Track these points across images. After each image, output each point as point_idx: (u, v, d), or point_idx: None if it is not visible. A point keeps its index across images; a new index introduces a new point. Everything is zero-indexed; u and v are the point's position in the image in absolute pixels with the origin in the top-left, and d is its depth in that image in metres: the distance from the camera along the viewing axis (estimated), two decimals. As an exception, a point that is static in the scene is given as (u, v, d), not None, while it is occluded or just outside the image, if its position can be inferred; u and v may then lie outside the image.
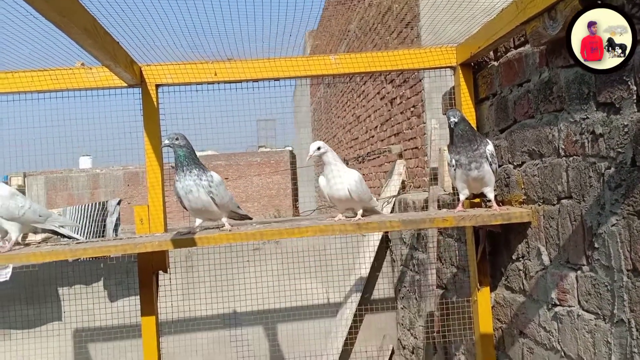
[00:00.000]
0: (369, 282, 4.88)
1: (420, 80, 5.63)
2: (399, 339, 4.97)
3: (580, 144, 1.94)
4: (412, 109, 5.94)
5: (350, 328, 4.76)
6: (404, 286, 4.69)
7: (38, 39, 2.28)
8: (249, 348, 4.47)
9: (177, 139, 2.39)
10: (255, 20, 2.51)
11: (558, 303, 2.19)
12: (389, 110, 6.97)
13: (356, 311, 4.78)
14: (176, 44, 2.41)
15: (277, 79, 2.82)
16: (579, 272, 2.04)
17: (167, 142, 2.40)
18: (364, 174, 8.25)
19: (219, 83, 2.81)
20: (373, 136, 8.02)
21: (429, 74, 5.41)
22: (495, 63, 2.60)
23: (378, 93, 7.57)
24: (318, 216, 5.30)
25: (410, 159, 5.65)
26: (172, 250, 3.03)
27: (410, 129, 5.96)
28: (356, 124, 9.40)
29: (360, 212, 2.53)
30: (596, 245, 1.90)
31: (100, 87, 2.75)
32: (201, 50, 2.60)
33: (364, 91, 8.62)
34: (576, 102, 1.95)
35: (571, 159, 2.02)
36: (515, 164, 2.49)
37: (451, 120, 2.43)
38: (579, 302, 2.04)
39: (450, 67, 2.85)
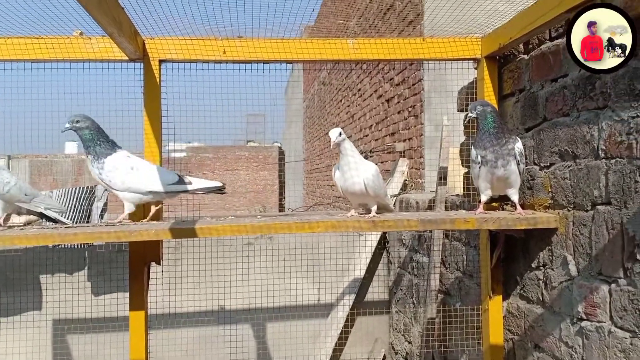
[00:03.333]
0: (363, 284, 4.72)
1: (420, 80, 5.49)
2: (391, 344, 4.81)
3: (627, 144, 1.79)
4: (410, 109, 5.80)
5: (341, 331, 4.59)
6: (400, 289, 4.52)
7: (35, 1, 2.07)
8: (235, 347, 4.27)
9: (77, 122, 2.26)
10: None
11: (585, 317, 2.03)
12: (386, 110, 6.83)
13: (348, 313, 4.62)
14: (185, 12, 2.21)
15: (290, 61, 2.64)
16: (613, 285, 1.88)
17: (67, 125, 2.27)
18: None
19: (227, 62, 2.61)
20: (367, 135, 7.88)
21: (429, 74, 5.33)
22: (526, 56, 2.44)
23: (375, 92, 7.43)
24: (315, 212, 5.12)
25: (407, 158, 5.50)
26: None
27: (407, 129, 5.81)
28: (350, 122, 9.25)
29: (374, 208, 2.35)
30: (638, 257, 1.74)
31: (99, 60, 2.53)
32: (211, 21, 2.40)
33: (360, 89, 8.47)
34: (625, 99, 1.79)
35: (613, 161, 1.87)
36: (542, 165, 2.33)
37: (484, 110, 2.27)
38: (612, 318, 1.89)
39: (474, 60, 2.69)
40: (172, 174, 2.33)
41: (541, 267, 2.34)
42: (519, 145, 2.27)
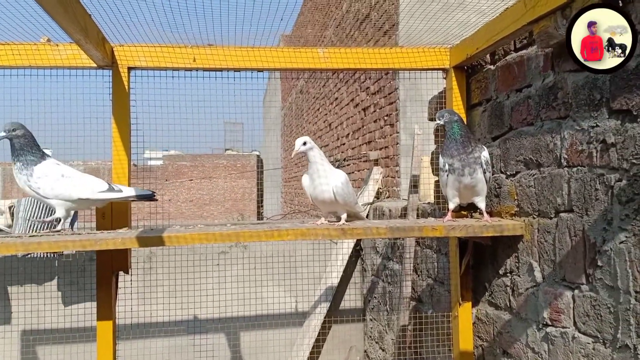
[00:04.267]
0: (338, 292, 4.72)
1: (395, 90, 5.55)
2: (365, 352, 4.81)
3: (587, 153, 1.82)
4: (385, 118, 5.85)
5: (316, 339, 4.58)
6: (374, 297, 4.54)
7: (2, 6, 2.05)
8: (206, 357, 4.24)
9: (14, 130, 2.28)
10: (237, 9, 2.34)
11: (550, 323, 2.06)
12: (362, 119, 6.88)
13: (323, 321, 4.61)
14: (154, 20, 2.20)
15: (261, 70, 2.63)
16: (576, 291, 1.91)
17: (2, 133, 2.27)
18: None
19: (197, 70, 2.60)
20: (344, 144, 7.91)
21: (404, 84, 5.37)
22: (492, 67, 2.48)
23: (352, 100, 7.47)
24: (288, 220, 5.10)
25: (382, 167, 5.54)
26: (135, 249, 2.80)
27: (383, 138, 5.86)
28: (327, 131, 9.28)
29: (344, 216, 2.36)
30: (599, 264, 1.78)
31: (67, 67, 2.50)
32: (180, 31, 2.40)
33: (337, 98, 8.51)
34: (585, 109, 1.83)
35: (575, 169, 1.90)
36: (508, 173, 2.36)
37: (450, 118, 2.31)
38: (575, 324, 1.92)
39: (443, 70, 2.72)
40: (102, 182, 2.38)
41: (508, 274, 2.37)
42: (485, 154, 2.30)
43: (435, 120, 2.47)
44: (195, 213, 22.32)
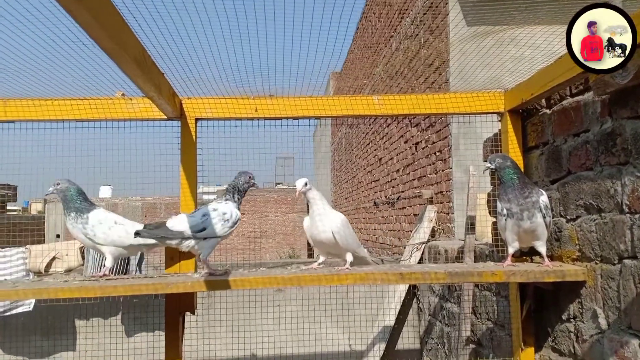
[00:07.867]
0: (394, 332, 4.69)
1: (447, 125, 5.56)
2: (422, 393, 4.74)
3: (650, 201, 1.82)
4: (437, 154, 5.85)
5: (372, 379, 4.56)
6: (432, 338, 4.49)
7: (83, 66, 2.24)
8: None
9: (58, 184, 2.44)
10: (291, 58, 2.46)
11: (617, 371, 2.02)
12: (413, 154, 6.90)
13: (379, 361, 4.59)
14: (221, 77, 2.35)
15: (318, 117, 2.75)
16: (643, 339, 1.88)
17: (51, 188, 2.45)
18: (389, 216, 8.10)
19: (259, 119, 2.74)
20: (395, 179, 7.93)
21: (457, 119, 5.38)
22: (548, 111, 2.50)
23: (402, 136, 7.51)
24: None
25: (435, 203, 5.52)
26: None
27: (435, 174, 5.86)
28: (377, 166, 9.32)
29: (349, 259, 2.40)
30: (667, 312, 1.75)
31: (139, 119, 2.69)
32: (244, 84, 2.54)
33: (387, 133, 8.57)
34: (646, 157, 1.83)
35: (637, 216, 1.89)
36: (568, 217, 2.35)
37: (502, 163, 2.33)
38: (643, 373, 1.88)
39: (498, 113, 2.75)
40: None
41: (572, 320, 2.33)
42: (543, 199, 2.30)
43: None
44: (247, 247, 22.62)
